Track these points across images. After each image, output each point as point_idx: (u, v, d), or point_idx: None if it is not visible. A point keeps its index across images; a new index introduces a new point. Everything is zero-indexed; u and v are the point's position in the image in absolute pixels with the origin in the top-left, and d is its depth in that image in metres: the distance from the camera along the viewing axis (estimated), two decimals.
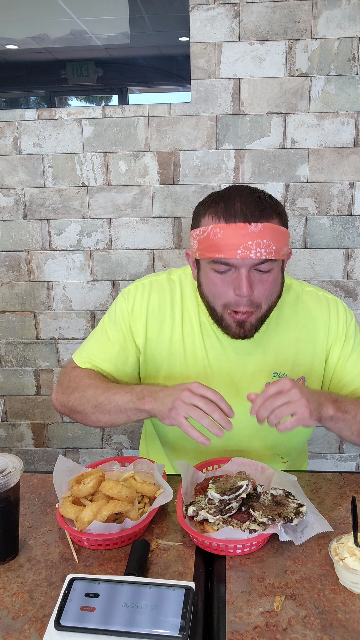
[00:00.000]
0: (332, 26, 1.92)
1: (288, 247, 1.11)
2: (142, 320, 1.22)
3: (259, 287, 1.08)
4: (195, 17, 1.95)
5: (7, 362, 2.33)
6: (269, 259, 1.05)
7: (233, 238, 1.03)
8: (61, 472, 1.05)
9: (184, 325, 1.22)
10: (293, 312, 1.23)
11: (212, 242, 1.05)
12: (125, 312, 1.24)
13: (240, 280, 1.05)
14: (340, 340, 1.23)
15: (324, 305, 1.24)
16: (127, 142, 2.07)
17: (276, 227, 1.05)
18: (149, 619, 0.74)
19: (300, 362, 1.22)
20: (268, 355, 1.21)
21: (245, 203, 1.04)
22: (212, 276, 1.09)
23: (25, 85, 2.06)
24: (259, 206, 1.05)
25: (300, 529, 0.95)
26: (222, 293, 1.09)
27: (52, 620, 0.76)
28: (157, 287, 1.24)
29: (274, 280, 1.10)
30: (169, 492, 1.00)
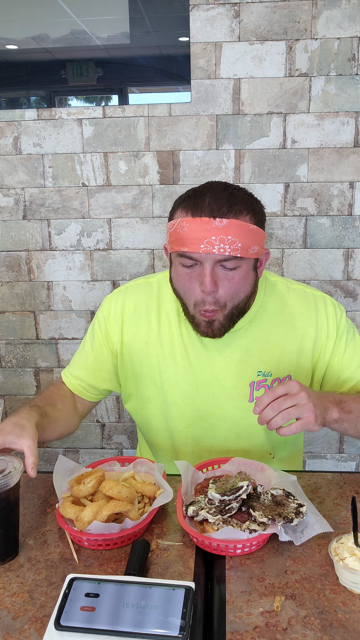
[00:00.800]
0: (332, 26, 1.92)
1: (261, 247, 1.09)
2: (117, 325, 1.24)
3: (225, 285, 1.07)
4: (195, 17, 1.95)
5: (7, 362, 2.33)
6: (234, 256, 1.03)
7: (197, 232, 1.02)
8: (61, 472, 1.05)
9: (161, 327, 1.22)
10: (278, 310, 1.21)
11: (178, 236, 1.05)
12: (102, 319, 1.27)
13: (204, 276, 1.05)
14: (332, 337, 1.21)
15: (311, 303, 1.22)
16: (127, 142, 2.07)
17: (244, 225, 1.03)
18: (149, 619, 0.74)
19: (286, 360, 1.20)
20: (252, 354, 1.19)
21: (215, 198, 1.04)
22: (180, 270, 1.10)
23: (25, 85, 2.06)
24: (228, 202, 1.03)
25: (300, 529, 0.95)
26: (190, 290, 1.09)
27: (52, 620, 0.76)
28: (133, 291, 1.26)
29: (241, 278, 1.08)
30: (169, 492, 1.00)
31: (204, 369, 1.20)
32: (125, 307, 1.24)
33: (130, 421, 2.36)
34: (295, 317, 1.21)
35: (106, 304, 1.28)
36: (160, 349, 1.22)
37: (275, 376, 1.20)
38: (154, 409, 1.27)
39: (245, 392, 1.20)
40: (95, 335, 1.28)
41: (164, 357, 1.22)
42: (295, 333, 1.20)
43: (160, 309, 1.23)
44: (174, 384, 1.22)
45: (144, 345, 1.23)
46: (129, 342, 1.24)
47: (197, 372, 1.21)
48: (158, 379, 1.23)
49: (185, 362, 1.21)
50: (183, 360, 1.21)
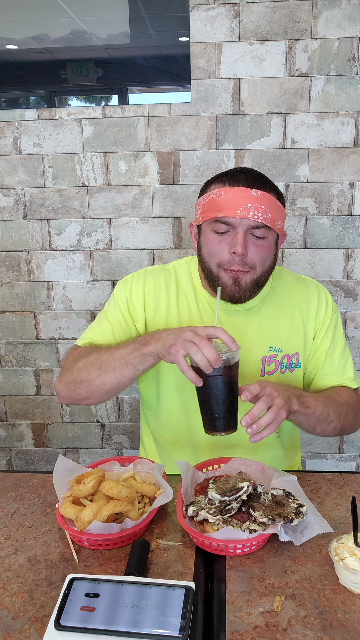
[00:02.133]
0: (332, 26, 1.92)
1: (283, 226, 1.21)
2: (140, 304, 1.28)
3: (254, 250, 1.16)
4: (195, 17, 1.94)
5: (7, 362, 2.33)
6: (265, 224, 1.14)
7: (235, 199, 1.12)
8: (61, 472, 1.05)
9: (179, 305, 1.28)
10: (286, 291, 1.31)
11: (215, 203, 1.15)
12: (124, 298, 1.29)
13: (237, 239, 1.14)
14: (325, 324, 1.31)
15: (314, 289, 1.34)
16: (127, 142, 2.07)
17: (273, 199, 1.15)
18: (149, 619, 0.74)
19: (293, 338, 1.29)
20: (264, 330, 1.27)
21: (249, 175, 1.17)
22: (211, 237, 1.18)
23: (25, 85, 2.06)
24: (260, 179, 1.17)
25: (300, 530, 0.95)
26: (218, 252, 1.17)
27: (52, 620, 0.76)
28: (152, 273, 1.32)
29: (268, 247, 1.18)
30: (169, 492, 1.00)
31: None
32: (146, 287, 1.29)
33: (130, 421, 2.36)
34: (302, 299, 1.31)
35: (127, 285, 1.30)
36: (180, 325, 1.26)
37: (285, 352, 1.28)
38: (169, 386, 1.29)
39: (257, 366, 1.27)
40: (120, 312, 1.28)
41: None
42: (300, 313, 1.30)
43: (178, 289, 1.29)
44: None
45: (164, 323, 1.27)
46: (150, 320, 1.28)
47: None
48: None
49: None
50: None
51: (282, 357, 1.28)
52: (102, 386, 1.16)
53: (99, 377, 1.15)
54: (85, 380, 1.17)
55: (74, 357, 1.25)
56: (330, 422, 1.20)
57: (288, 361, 1.28)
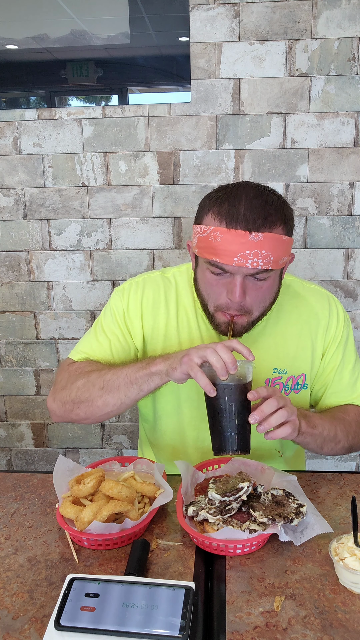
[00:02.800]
0: (332, 26, 1.92)
1: (289, 254, 1.10)
2: (137, 317, 1.22)
3: (252, 294, 1.07)
4: (195, 17, 1.94)
5: (7, 362, 2.33)
6: (266, 269, 1.04)
7: (231, 245, 1.01)
8: (61, 472, 1.05)
9: (179, 319, 1.22)
10: (294, 307, 1.22)
11: (211, 244, 1.03)
12: (121, 310, 1.23)
13: (234, 286, 1.04)
14: (335, 341, 1.23)
15: (325, 302, 1.24)
16: (127, 142, 2.07)
17: (278, 237, 1.02)
18: (149, 619, 0.74)
19: (301, 358, 1.21)
20: (268, 351, 1.20)
21: (250, 207, 1.01)
22: (208, 276, 1.09)
23: (25, 85, 2.06)
24: (263, 212, 1.01)
25: (300, 530, 0.95)
26: (216, 294, 1.09)
27: (52, 620, 0.76)
28: (151, 284, 1.24)
29: (269, 288, 1.09)
30: (169, 492, 1.00)
31: None
32: (144, 299, 1.22)
33: (130, 421, 2.36)
34: (311, 314, 1.22)
35: (125, 296, 1.23)
36: (178, 342, 1.21)
37: (290, 374, 1.21)
38: (167, 405, 1.25)
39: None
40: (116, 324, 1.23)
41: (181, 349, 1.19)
42: (310, 329, 1.22)
43: (178, 303, 1.22)
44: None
45: (162, 337, 1.22)
46: (148, 334, 1.22)
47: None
48: None
49: None
50: None
51: (287, 379, 1.21)
52: (104, 407, 1.11)
53: (101, 397, 1.10)
54: (86, 401, 1.12)
55: (70, 373, 1.18)
56: (338, 441, 1.14)
57: (293, 383, 1.21)
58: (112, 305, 1.25)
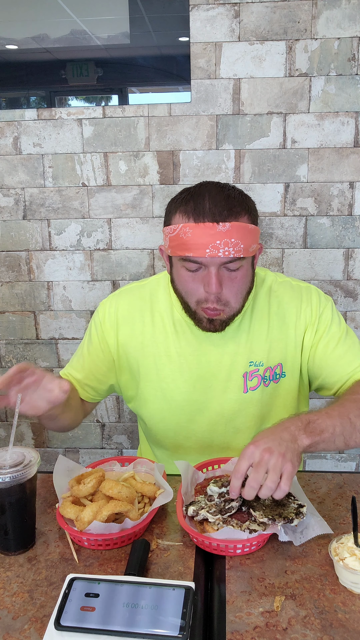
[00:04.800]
0: (332, 26, 1.92)
1: (257, 244, 1.13)
2: (113, 329, 1.27)
3: (228, 285, 1.10)
4: (195, 17, 1.94)
5: (7, 362, 2.32)
6: (238, 257, 1.07)
7: (201, 237, 1.05)
8: (61, 472, 1.05)
9: (155, 326, 1.25)
10: (266, 302, 1.25)
11: (182, 241, 1.07)
12: (97, 323, 1.29)
13: (210, 278, 1.08)
14: (313, 326, 1.23)
15: (296, 293, 1.26)
16: (127, 142, 2.07)
17: (244, 226, 1.07)
18: (149, 619, 0.74)
19: (275, 349, 1.23)
20: (243, 346, 1.22)
21: (214, 202, 1.06)
22: (183, 274, 1.12)
23: (25, 85, 2.06)
24: (227, 205, 1.06)
25: (300, 530, 0.95)
26: (194, 290, 1.12)
27: (52, 620, 0.76)
28: (126, 295, 1.30)
29: (243, 277, 1.12)
30: (169, 492, 1.00)
31: (199, 364, 1.23)
32: (119, 310, 1.27)
33: (130, 421, 2.36)
34: (280, 307, 1.25)
35: (101, 309, 1.30)
36: (156, 349, 1.24)
37: (267, 365, 1.23)
38: (153, 409, 1.28)
39: (239, 383, 1.22)
40: (92, 339, 1.30)
41: (160, 356, 1.24)
42: (281, 322, 1.24)
43: (153, 310, 1.26)
44: (171, 381, 1.24)
45: (140, 346, 1.25)
46: (124, 344, 1.26)
47: (193, 368, 1.23)
48: (155, 378, 1.25)
49: (181, 359, 1.23)
50: (179, 358, 1.23)
51: (265, 371, 1.23)
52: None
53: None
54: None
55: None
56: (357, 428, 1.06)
57: (271, 373, 1.23)
58: (92, 322, 1.32)
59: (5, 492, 0.90)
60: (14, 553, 0.94)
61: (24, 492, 0.92)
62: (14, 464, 0.92)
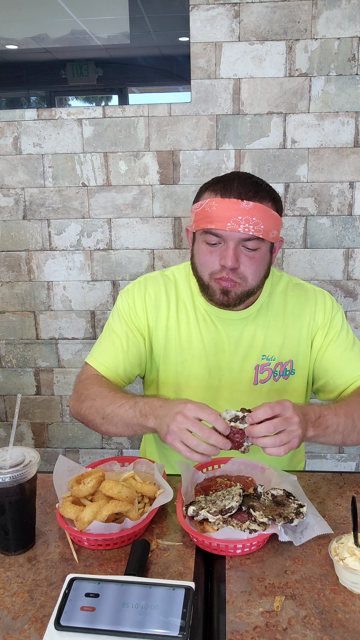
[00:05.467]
0: (332, 26, 1.92)
1: (278, 233, 1.18)
2: (143, 312, 1.30)
3: (246, 262, 1.15)
4: (195, 17, 1.94)
5: (7, 362, 2.33)
6: (256, 236, 1.12)
7: (225, 211, 1.11)
8: (61, 472, 1.05)
9: (179, 312, 1.29)
10: (282, 299, 1.30)
11: (206, 214, 1.13)
12: (127, 307, 1.31)
13: (227, 252, 1.13)
14: (324, 328, 1.29)
15: (310, 295, 1.32)
16: (127, 142, 2.07)
17: (267, 209, 1.12)
18: (149, 619, 0.74)
19: (288, 346, 1.28)
20: (257, 339, 1.27)
21: (242, 183, 1.13)
22: (202, 247, 1.17)
23: (25, 85, 2.06)
24: (254, 187, 1.13)
25: (300, 530, 0.95)
26: (209, 262, 1.17)
27: (52, 620, 0.76)
28: (152, 281, 1.33)
29: (261, 259, 1.17)
30: (169, 492, 1.00)
31: (216, 352, 1.28)
32: (147, 295, 1.31)
33: None
34: (296, 306, 1.30)
35: (130, 295, 1.32)
36: (178, 333, 1.29)
37: (278, 360, 1.28)
38: (168, 392, 1.31)
39: (251, 375, 1.28)
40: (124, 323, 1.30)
41: (180, 341, 1.29)
42: (295, 321, 1.29)
43: (177, 298, 1.31)
44: (189, 365, 1.29)
45: (165, 329, 1.29)
46: (153, 327, 1.30)
47: (210, 355, 1.28)
48: (174, 362, 1.30)
49: (200, 345, 1.28)
50: (198, 344, 1.28)
51: (275, 366, 1.28)
52: (108, 433, 1.18)
53: (103, 425, 1.17)
54: (92, 422, 1.19)
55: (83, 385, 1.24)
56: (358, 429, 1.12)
57: (281, 369, 1.28)
58: (118, 307, 1.33)
59: (5, 492, 0.90)
60: (14, 553, 0.94)
61: (23, 492, 0.92)
62: (14, 464, 0.92)
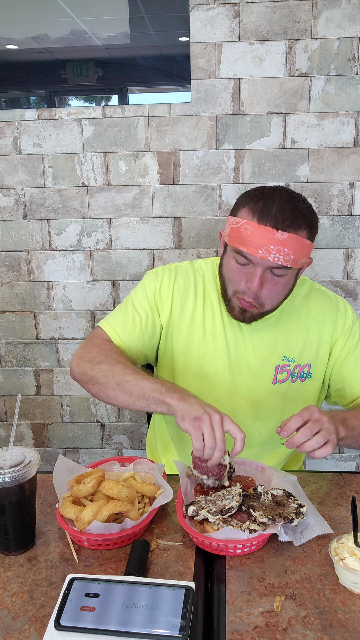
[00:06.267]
0: (332, 26, 1.92)
1: (308, 258, 1.20)
2: (168, 298, 1.32)
3: (269, 288, 1.18)
4: (195, 17, 1.94)
5: (7, 362, 2.33)
6: (285, 266, 1.14)
7: (259, 238, 1.12)
8: (61, 472, 1.05)
9: (205, 306, 1.32)
10: (305, 303, 1.33)
11: (241, 235, 1.14)
12: (153, 289, 1.33)
13: (254, 277, 1.15)
14: (344, 335, 1.32)
15: (333, 302, 1.35)
16: (127, 142, 2.07)
17: (301, 240, 1.13)
18: (149, 619, 0.74)
19: (308, 349, 1.31)
20: (279, 340, 1.30)
21: (281, 209, 1.12)
22: (232, 264, 1.20)
23: (25, 85, 2.06)
24: (292, 215, 1.12)
25: (300, 530, 0.95)
26: (236, 281, 1.20)
27: (52, 620, 0.76)
28: (182, 271, 1.35)
29: (285, 284, 1.20)
30: (169, 492, 1.00)
31: (237, 348, 1.30)
32: (176, 284, 1.32)
33: (130, 421, 2.36)
34: (319, 311, 1.33)
35: (158, 277, 1.33)
36: (203, 326, 1.31)
37: (297, 362, 1.31)
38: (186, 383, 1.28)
39: (270, 374, 1.30)
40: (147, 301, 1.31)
41: (204, 334, 1.31)
42: (317, 326, 1.32)
43: (205, 293, 1.33)
44: (210, 359, 1.30)
45: (190, 320, 1.31)
46: (176, 316, 1.32)
47: (232, 351, 1.29)
48: (196, 354, 1.31)
49: (223, 339, 1.30)
50: (221, 338, 1.30)
51: (295, 367, 1.31)
52: (113, 400, 1.16)
53: (114, 390, 1.14)
54: (102, 385, 1.17)
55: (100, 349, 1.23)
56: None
57: (299, 371, 1.31)
58: (145, 284, 1.34)
59: (5, 492, 0.90)
60: (14, 553, 0.94)
61: (23, 492, 0.92)
62: (14, 464, 0.92)
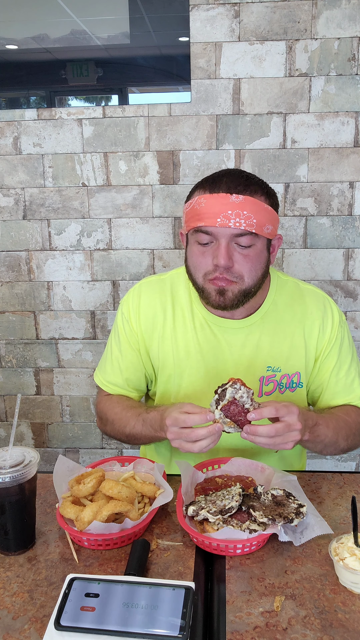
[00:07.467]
0: (332, 26, 1.92)
1: (275, 230, 1.13)
2: (137, 325, 1.27)
3: (240, 261, 1.10)
4: (195, 17, 1.94)
5: (7, 362, 2.33)
6: (249, 230, 1.06)
7: (214, 207, 1.06)
8: (61, 472, 1.05)
9: (175, 320, 1.24)
10: (289, 307, 1.24)
11: (196, 212, 1.09)
12: (122, 323, 1.29)
13: (219, 250, 1.08)
14: (330, 343, 1.24)
15: (320, 303, 1.26)
16: (127, 142, 2.07)
17: (259, 202, 1.08)
18: (149, 619, 0.74)
19: (294, 357, 1.23)
20: (262, 349, 1.22)
21: (232, 178, 1.09)
22: (194, 248, 1.13)
23: (25, 85, 2.06)
24: (244, 182, 1.09)
25: (300, 530, 0.95)
26: (202, 263, 1.12)
27: (52, 620, 0.76)
28: (146, 288, 1.29)
29: (256, 256, 1.11)
30: (169, 492, 1.00)
31: (216, 363, 1.22)
32: (141, 304, 1.26)
33: None
34: (305, 314, 1.24)
35: (124, 307, 1.29)
36: (175, 343, 1.24)
37: (284, 372, 1.23)
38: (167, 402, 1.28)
39: (255, 387, 1.21)
40: (121, 339, 1.29)
41: (178, 351, 1.24)
42: (302, 330, 1.23)
43: (174, 303, 1.25)
44: (187, 377, 1.24)
45: (160, 339, 1.25)
46: (148, 337, 1.26)
47: (210, 367, 1.23)
48: (173, 373, 1.25)
49: (199, 355, 1.23)
50: (196, 354, 1.23)
51: (281, 377, 1.22)
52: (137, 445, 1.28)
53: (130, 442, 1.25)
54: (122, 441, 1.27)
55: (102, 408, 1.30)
56: (338, 445, 1.17)
57: (288, 381, 1.23)
58: (117, 322, 1.31)
59: (5, 492, 0.90)
60: (14, 553, 0.94)
61: (23, 492, 0.92)
62: (14, 464, 0.92)
